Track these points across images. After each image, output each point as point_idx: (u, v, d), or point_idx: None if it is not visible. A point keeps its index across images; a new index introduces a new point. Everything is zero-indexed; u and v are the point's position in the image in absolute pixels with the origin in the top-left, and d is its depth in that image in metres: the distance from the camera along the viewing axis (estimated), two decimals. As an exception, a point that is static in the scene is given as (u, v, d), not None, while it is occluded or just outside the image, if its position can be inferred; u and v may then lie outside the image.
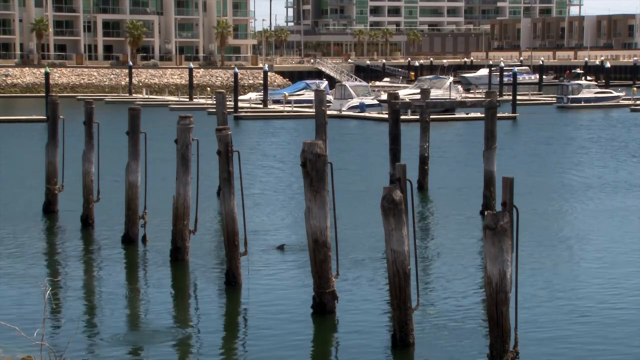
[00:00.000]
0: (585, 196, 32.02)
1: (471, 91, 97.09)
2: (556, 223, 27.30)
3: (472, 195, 30.40)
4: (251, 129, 61.28)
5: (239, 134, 55.23)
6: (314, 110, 34.07)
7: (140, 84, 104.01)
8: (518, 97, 73.16)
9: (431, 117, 36.41)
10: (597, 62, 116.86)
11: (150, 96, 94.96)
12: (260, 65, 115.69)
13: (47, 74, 74.83)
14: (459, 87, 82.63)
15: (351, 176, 36.34)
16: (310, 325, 16.99)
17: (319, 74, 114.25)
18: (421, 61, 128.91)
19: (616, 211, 28.98)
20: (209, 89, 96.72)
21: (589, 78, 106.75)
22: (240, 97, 77.96)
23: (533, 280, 19.90)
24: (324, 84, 79.47)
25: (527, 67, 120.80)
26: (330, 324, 16.97)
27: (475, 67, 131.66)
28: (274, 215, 28.33)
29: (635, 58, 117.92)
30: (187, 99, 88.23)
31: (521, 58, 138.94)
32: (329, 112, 35.89)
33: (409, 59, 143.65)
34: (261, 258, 22.11)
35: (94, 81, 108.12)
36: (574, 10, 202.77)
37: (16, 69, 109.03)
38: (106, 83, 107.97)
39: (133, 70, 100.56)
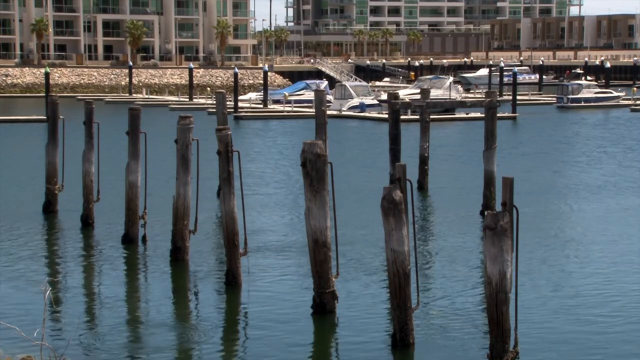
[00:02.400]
0: (586, 196, 32.02)
1: (471, 91, 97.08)
2: (556, 223, 27.30)
3: (472, 195, 30.40)
4: (251, 129, 61.28)
5: (239, 134, 55.23)
6: (314, 110, 34.07)
7: (140, 84, 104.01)
8: (518, 97, 73.13)
9: (431, 117, 36.41)
10: (597, 62, 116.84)
11: (150, 96, 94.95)
12: (260, 65, 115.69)
13: (47, 74, 74.83)
14: (459, 87, 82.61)
15: (351, 176, 36.33)
16: (310, 325, 16.99)
17: (319, 74, 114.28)
18: (421, 61, 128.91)
19: (617, 211, 28.99)
20: (209, 89, 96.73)
21: (589, 78, 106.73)
22: (240, 97, 77.99)
23: (533, 280, 19.90)
24: (324, 84, 79.49)
25: (527, 67, 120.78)
26: (330, 324, 16.97)
27: (475, 67, 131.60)
28: (274, 215, 28.33)
29: (635, 58, 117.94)
30: (187, 99, 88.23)
31: (521, 58, 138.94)
32: (329, 112, 35.89)
33: (409, 59, 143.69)
34: (261, 258, 22.12)
35: (94, 81, 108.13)
36: (574, 10, 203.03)
37: (16, 69, 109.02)
38: (106, 83, 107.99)
39: (133, 70, 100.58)
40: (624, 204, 30.40)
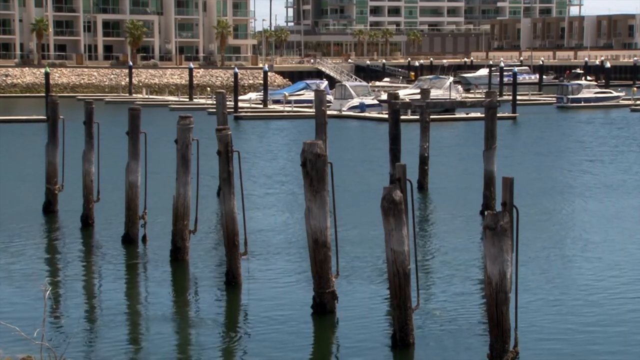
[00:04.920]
0: (586, 196, 32.02)
1: (471, 91, 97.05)
2: (556, 223, 27.30)
3: (472, 195, 30.39)
4: (251, 129, 61.28)
5: (239, 134, 55.24)
6: (314, 110, 34.07)
7: (140, 84, 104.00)
8: (518, 97, 73.15)
9: (431, 117, 36.40)
10: (597, 62, 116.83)
11: (150, 96, 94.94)
12: (260, 65, 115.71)
13: (47, 74, 74.82)
14: (459, 87, 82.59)
15: (351, 176, 36.33)
16: (310, 325, 16.99)
17: (319, 74, 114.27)
18: (421, 61, 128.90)
19: (617, 211, 28.98)
20: (209, 89, 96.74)
21: (589, 78, 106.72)
22: (240, 97, 77.98)
23: (533, 280, 19.90)
24: (324, 84, 79.49)
25: (527, 67, 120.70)
26: (330, 324, 16.97)
27: (475, 67, 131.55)
28: (274, 215, 28.33)
29: (635, 58, 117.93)
30: (187, 99, 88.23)
31: (521, 58, 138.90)
32: (329, 112, 35.89)
33: (409, 59, 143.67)
34: (261, 258, 22.12)
35: (94, 81, 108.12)
36: (574, 10, 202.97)
37: (16, 69, 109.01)
38: (106, 83, 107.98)
39: (133, 70, 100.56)
40: (624, 203, 30.39)
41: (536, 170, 38.83)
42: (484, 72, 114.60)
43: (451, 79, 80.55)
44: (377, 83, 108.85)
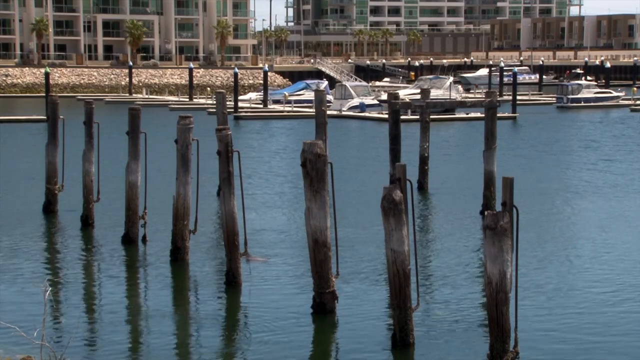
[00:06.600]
0: (585, 196, 32.02)
1: (471, 91, 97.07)
2: (556, 223, 27.30)
3: (472, 195, 30.39)
4: (251, 129, 61.27)
5: (239, 134, 55.24)
6: (314, 110, 34.08)
7: (140, 84, 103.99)
8: (518, 97, 73.16)
9: (431, 117, 36.40)
10: (597, 62, 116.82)
11: (150, 96, 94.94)
12: (260, 65, 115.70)
13: (47, 74, 74.79)
14: (459, 87, 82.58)
15: (351, 176, 36.33)
16: (310, 325, 16.99)
17: (319, 74, 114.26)
18: (421, 61, 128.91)
19: (616, 211, 28.98)
20: (209, 89, 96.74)
21: (589, 78, 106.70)
22: (240, 97, 77.97)
23: (533, 280, 19.90)
24: (324, 84, 79.49)
25: (527, 67, 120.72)
26: (330, 324, 16.97)
27: (475, 67, 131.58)
28: (274, 215, 28.33)
29: (635, 58, 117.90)
30: (187, 99, 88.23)
31: (521, 58, 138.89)
32: (329, 112, 35.89)
33: (409, 59, 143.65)
34: (261, 258, 22.11)
35: (94, 81, 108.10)
36: (574, 10, 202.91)
37: (16, 69, 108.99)
38: (106, 83, 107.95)
39: (133, 70, 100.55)
40: (624, 204, 30.39)
41: (536, 170, 38.82)
42: (484, 72, 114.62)
43: (451, 79, 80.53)
44: (377, 83, 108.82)
